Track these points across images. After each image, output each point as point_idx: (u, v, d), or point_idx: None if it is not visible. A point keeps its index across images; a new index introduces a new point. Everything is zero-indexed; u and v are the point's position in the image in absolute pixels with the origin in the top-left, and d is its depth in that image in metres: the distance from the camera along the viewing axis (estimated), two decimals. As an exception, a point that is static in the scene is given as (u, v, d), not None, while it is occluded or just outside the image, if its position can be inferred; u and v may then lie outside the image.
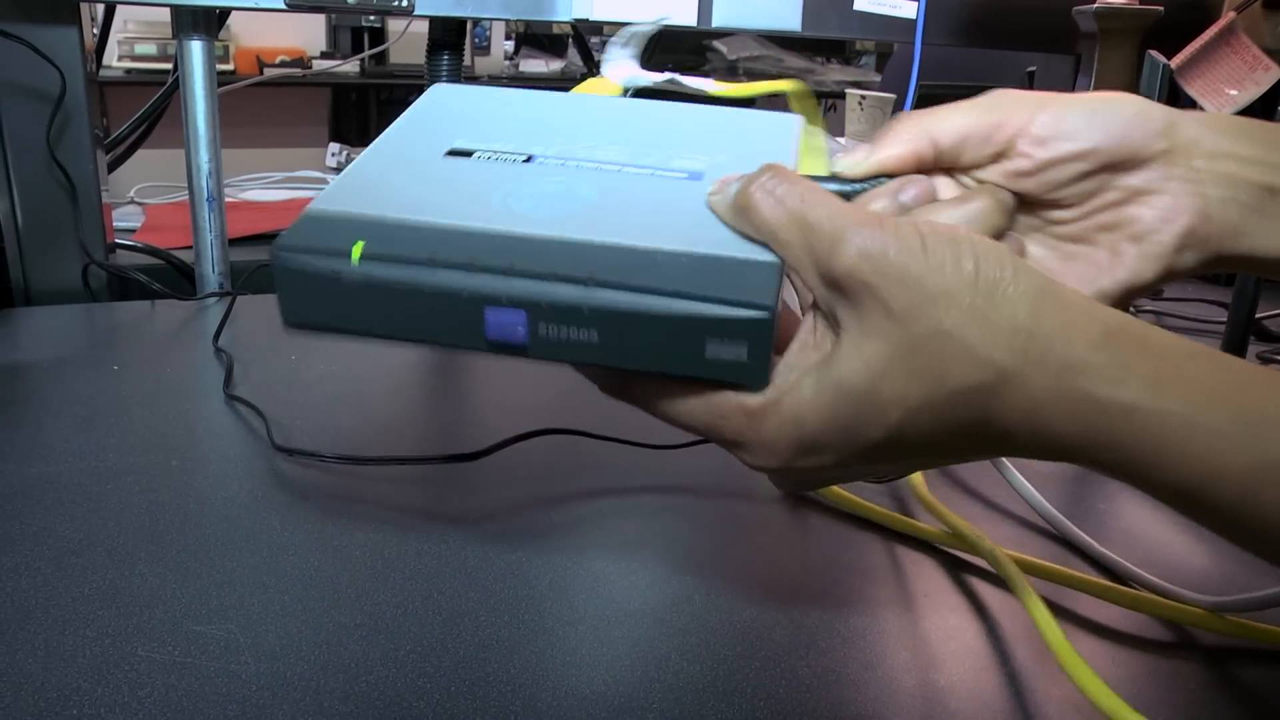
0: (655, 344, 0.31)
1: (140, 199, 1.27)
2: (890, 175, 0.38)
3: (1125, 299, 0.41)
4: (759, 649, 0.44)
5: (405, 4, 0.86)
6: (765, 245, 0.33)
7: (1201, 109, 1.03)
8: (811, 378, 0.32)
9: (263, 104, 3.91)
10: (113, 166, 1.10)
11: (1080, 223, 0.40)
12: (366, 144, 0.41)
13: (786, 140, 0.41)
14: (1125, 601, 0.48)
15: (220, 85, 1.04)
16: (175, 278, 0.98)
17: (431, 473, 0.58)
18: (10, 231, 0.87)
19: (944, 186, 0.39)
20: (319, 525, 0.52)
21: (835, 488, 0.56)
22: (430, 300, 0.32)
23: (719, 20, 0.98)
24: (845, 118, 1.65)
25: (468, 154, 0.38)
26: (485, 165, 0.37)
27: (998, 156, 0.38)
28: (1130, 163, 0.38)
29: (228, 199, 1.26)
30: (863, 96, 1.62)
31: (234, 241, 1.06)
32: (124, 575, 0.46)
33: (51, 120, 0.84)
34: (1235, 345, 0.73)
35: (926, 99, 1.44)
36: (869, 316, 0.31)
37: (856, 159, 0.39)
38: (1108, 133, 0.37)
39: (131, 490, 0.54)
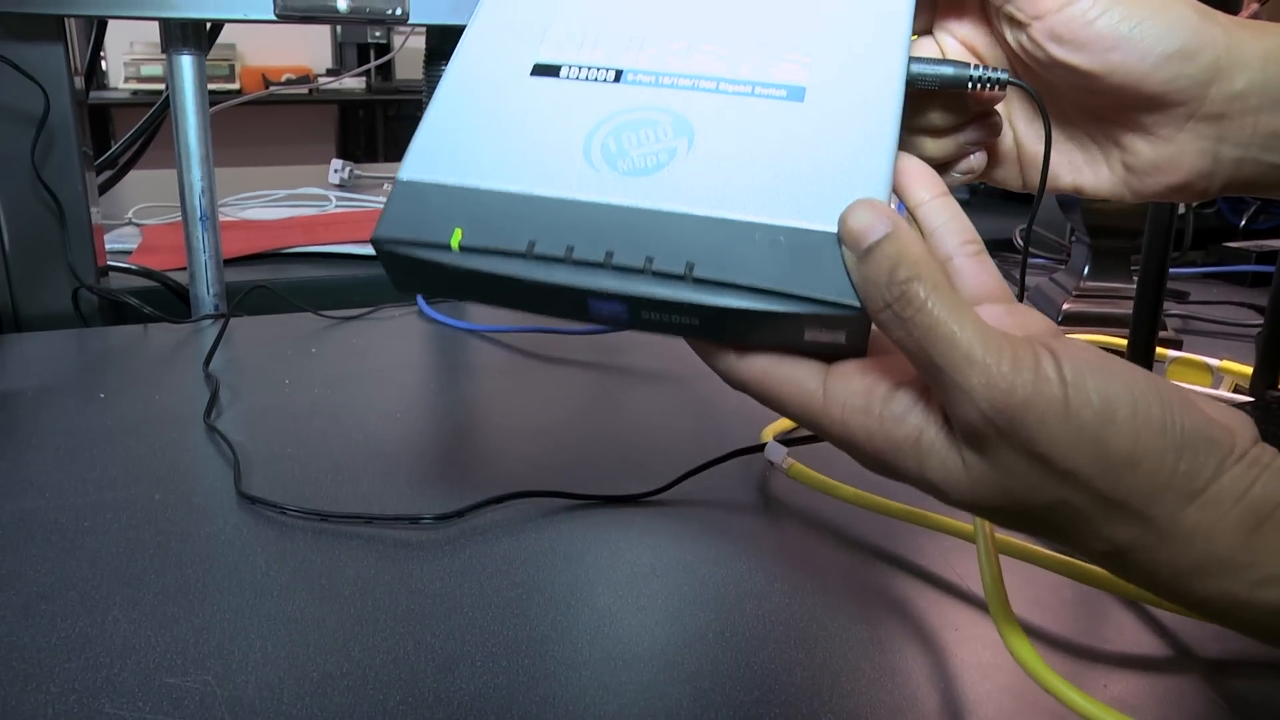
0: (754, 330, 0.32)
1: (138, 220, 1.24)
2: None
3: (1080, 194, 0.39)
4: (778, 693, 0.40)
5: (399, 12, 0.83)
6: (871, 194, 0.31)
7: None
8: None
9: (270, 122, 3.92)
10: (108, 186, 1.07)
11: (1070, 109, 0.37)
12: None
13: (898, 23, 0.36)
14: (1121, 590, 0.46)
15: (224, 102, 1.02)
16: (170, 300, 0.96)
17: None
18: (-3, 256, 0.85)
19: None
20: (306, 563, 0.49)
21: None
22: (532, 287, 0.32)
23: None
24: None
25: (554, 71, 0.36)
26: (573, 89, 0.35)
27: (1010, 22, 0.35)
28: (1148, 101, 0.34)
29: (229, 218, 1.24)
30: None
31: (232, 261, 1.03)
32: (95, 623, 0.43)
33: (36, 140, 0.81)
34: (1275, 346, 0.69)
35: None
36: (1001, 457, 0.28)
37: None
38: (1139, 60, 0.33)
39: (110, 527, 0.51)
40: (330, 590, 0.46)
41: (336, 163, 1.53)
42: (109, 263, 0.95)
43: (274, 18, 0.82)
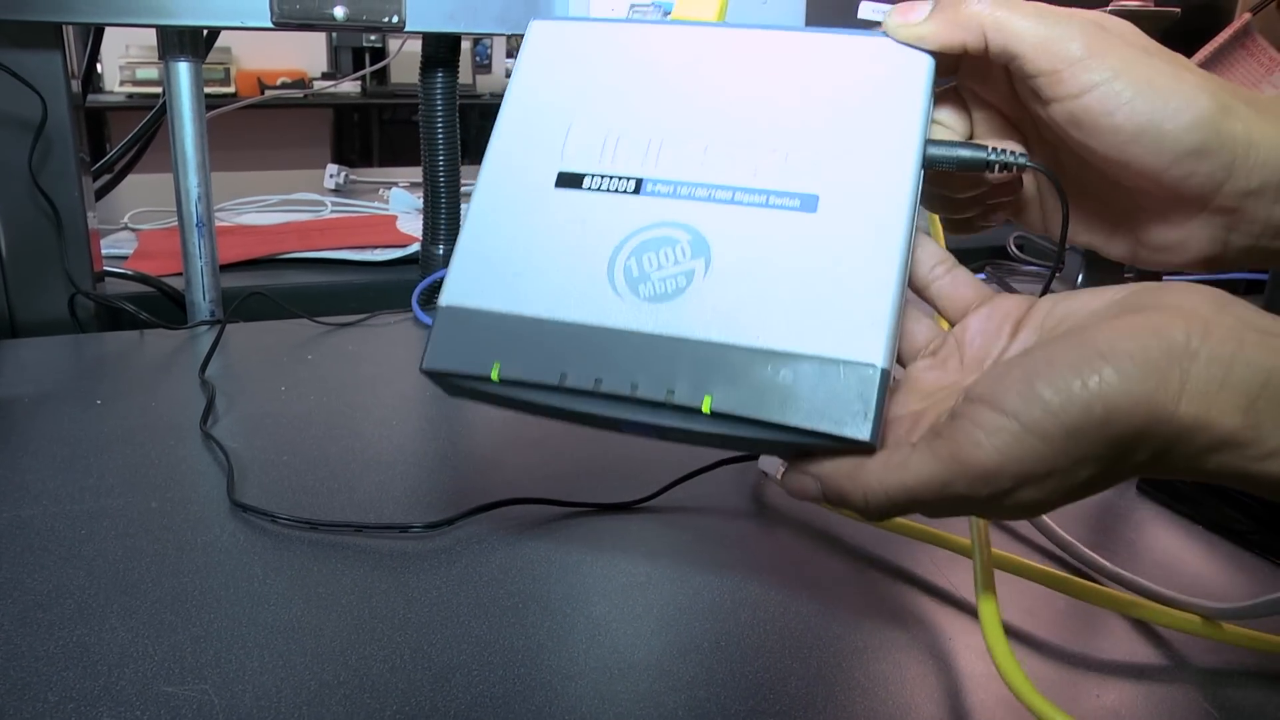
0: (770, 452, 0.38)
1: (134, 225, 1.24)
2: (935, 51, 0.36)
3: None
4: (773, 703, 0.41)
5: (395, 20, 0.84)
6: (877, 325, 0.33)
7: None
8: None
9: (266, 126, 3.91)
10: (104, 192, 1.07)
11: (1089, 180, 0.37)
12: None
13: (915, 101, 0.36)
14: (1114, 605, 0.46)
15: (220, 107, 1.02)
16: (166, 306, 0.96)
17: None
18: (-7, 262, 0.85)
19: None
20: (303, 571, 0.49)
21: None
22: (568, 414, 0.35)
23: (720, 32, 0.95)
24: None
25: (577, 181, 0.38)
26: (596, 202, 0.37)
27: (1032, 96, 0.35)
28: (1162, 192, 0.34)
29: (225, 223, 1.24)
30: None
31: (229, 267, 1.03)
32: (93, 631, 0.43)
33: (33, 147, 0.81)
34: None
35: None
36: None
37: (904, 19, 0.36)
38: (1155, 155, 0.33)
39: (107, 535, 0.51)
40: (327, 599, 0.47)
41: (332, 168, 1.53)
42: (105, 268, 0.95)
43: (271, 26, 0.82)
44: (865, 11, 1.01)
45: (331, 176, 1.52)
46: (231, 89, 3.54)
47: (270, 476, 0.58)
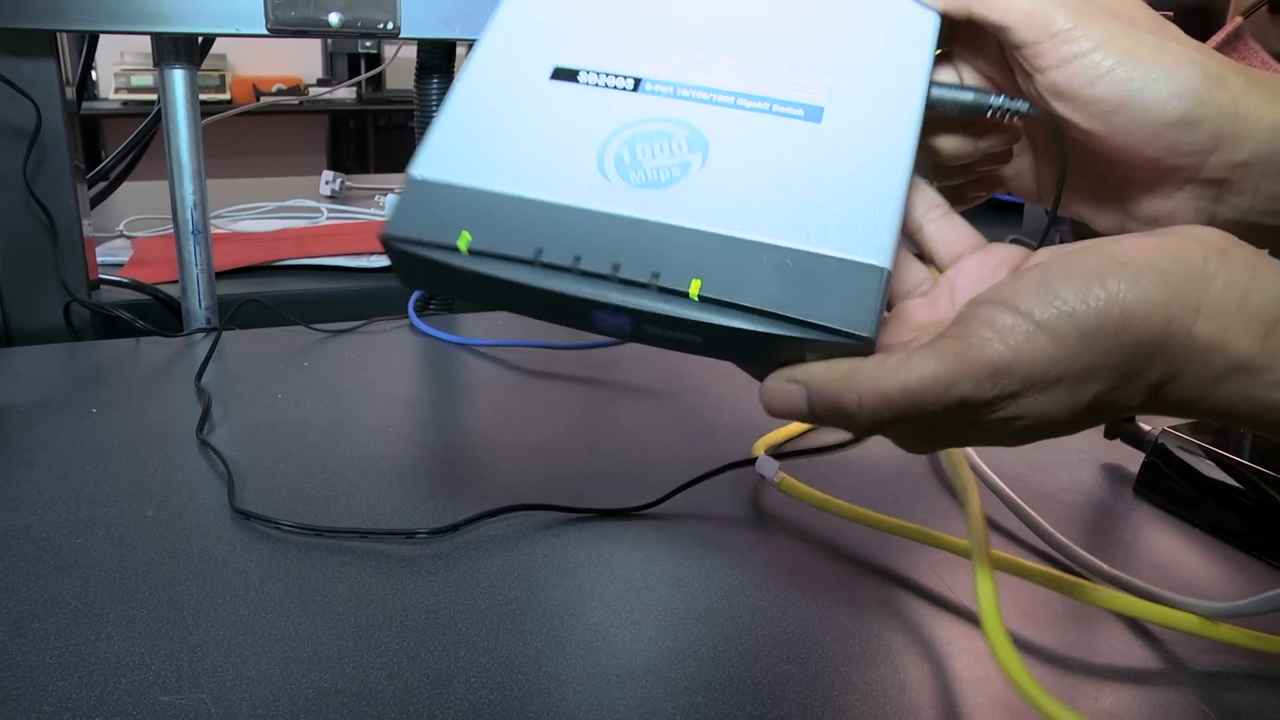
0: (756, 352, 0.32)
1: (129, 232, 1.24)
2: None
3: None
4: (772, 708, 0.41)
5: (390, 26, 0.84)
6: (881, 225, 0.31)
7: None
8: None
9: (261, 133, 3.91)
10: (99, 200, 1.07)
11: (1080, 148, 0.37)
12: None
13: (920, 45, 0.36)
14: (1112, 605, 0.46)
15: (215, 114, 1.02)
16: (162, 313, 0.96)
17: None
18: (-12, 270, 0.85)
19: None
20: (300, 579, 0.49)
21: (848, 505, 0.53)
22: (538, 294, 0.32)
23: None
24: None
25: (573, 75, 0.36)
26: (591, 95, 0.35)
27: (1019, 67, 0.35)
28: (1147, 164, 0.34)
29: (221, 230, 1.24)
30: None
31: (224, 274, 1.03)
32: (89, 640, 0.43)
33: (28, 155, 0.81)
34: None
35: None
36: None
37: None
38: (1139, 127, 0.33)
39: (103, 544, 0.51)
40: (325, 606, 0.46)
41: (328, 174, 1.53)
42: (100, 276, 0.95)
43: (266, 33, 0.82)
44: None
45: (327, 183, 1.51)
46: (227, 95, 3.54)
47: (269, 484, 0.58)
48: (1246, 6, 1.03)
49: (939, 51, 0.38)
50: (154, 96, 0.86)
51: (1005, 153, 0.39)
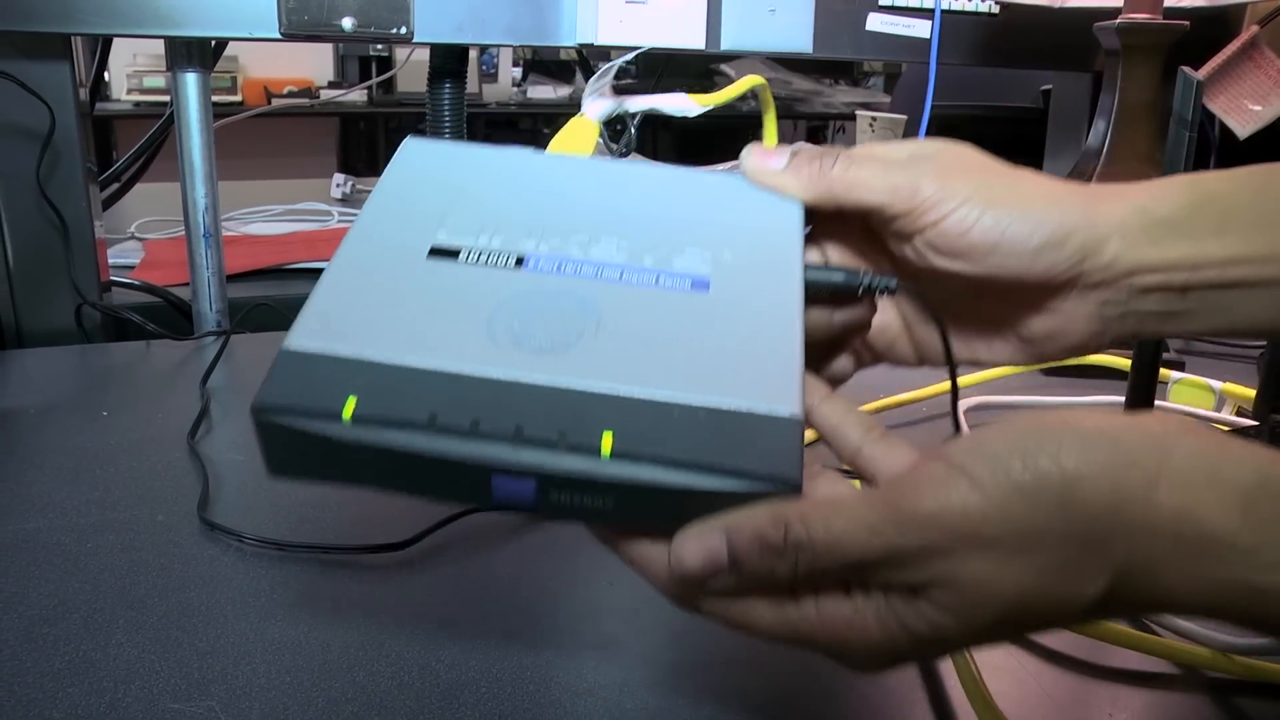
0: (671, 514, 0.30)
1: (140, 234, 1.24)
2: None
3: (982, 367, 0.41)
4: (784, 721, 0.40)
5: (404, 31, 0.84)
6: (786, 379, 0.31)
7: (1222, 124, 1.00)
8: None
9: (272, 135, 3.91)
10: (111, 202, 1.07)
11: (957, 301, 0.39)
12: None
13: (791, 231, 0.37)
14: (1121, 640, 0.45)
15: (227, 116, 1.02)
16: (173, 316, 0.96)
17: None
18: (0, 272, 0.85)
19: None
20: (311, 584, 0.48)
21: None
22: (432, 464, 0.29)
23: (728, 43, 0.95)
24: (855, 139, 1.62)
25: (453, 254, 0.35)
26: (474, 272, 0.34)
27: (897, 237, 0.37)
28: (1032, 288, 0.37)
29: (232, 233, 1.24)
30: (874, 118, 1.59)
31: (235, 277, 1.03)
32: (99, 647, 0.43)
33: (41, 157, 0.82)
34: (1278, 369, 0.69)
35: (940, 120, 1.40)
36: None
37: (763, 164, 0.38)
38: (1016, 259, 0.35)
39: (113, 549, 0.51)
40: (334, 614, 0.46)
41: (339, 177, 1.54)
42: (112, 278, 0.95)
43: (279, 37, 0.82)
44: (873, 23, 1.01)
45: (338, 186, 1.52)
46: (238, 98, 3.54)
47: (277, 490, 0.58)
48: (1263, 15, 1.03)
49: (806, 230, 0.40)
50: (166, 97, 0.86)
51: (865, 324, 0.40)
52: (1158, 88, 0.89)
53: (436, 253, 0.35)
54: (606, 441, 0.29)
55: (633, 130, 1.05)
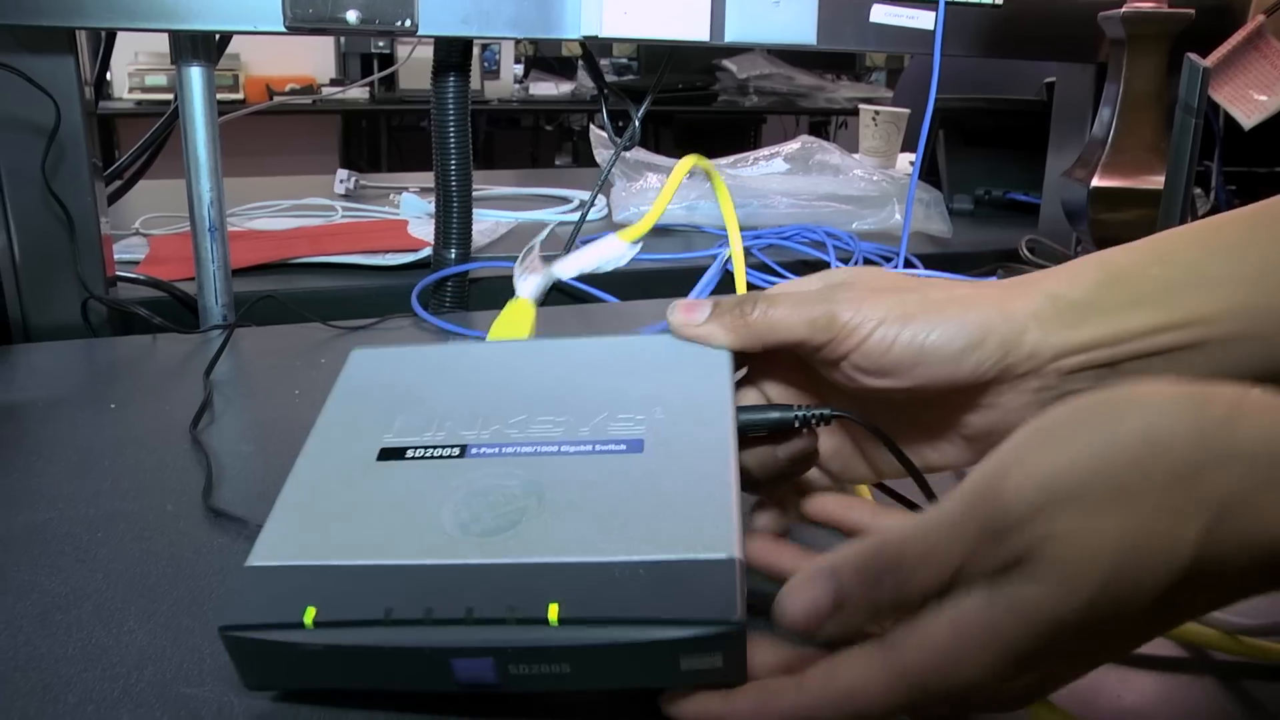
0: (629, 668, 0.32)
1: (145, 230, 1.24)
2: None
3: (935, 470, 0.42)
4: None
5: (408, 24, 0.84)
6: (721, 523, 0.33)
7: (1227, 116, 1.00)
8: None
9: (274, 132, 3.92)
10: (116, 197, 1.08)
11: (897, 416, 0.41)
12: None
13: (720, 379, 0.40)
14: None
15: (228, 113, 1.03)
16: (179, 310, 0.96)
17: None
18: (7, 266, 0.85)
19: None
20: (320, 573, 0.49)
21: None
22: (393, 656, 0.32)
23: (732, 35, 0.95)
24: (859, 134, 1.62)
25: (400, 454, 0.38)
26: (419, 468, 0.37)
27: (825, 364, 0.39)
28: (966, 390, 0.38)
29: (235, 228, 1.24)
30: (876, 112, 1.59)
31: (239, 271, 1.03)
32: (111, 633, 0.43)
33: (46, 152, 0.82)
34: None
35: (943, 113, 1.40)
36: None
37: (687, 319, 0.40)
38: (940, 366, 0.37)
39: (124, 538, 0.51)
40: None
41: (342, 173, 1.54)
42: (117, 273, 0.95)
43: (284, 30, 0.82)
44: (877, 15, 1.01)
45: (342, 181, 1.52)
46: (240, 95, 3.55)
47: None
48: (1268, 5, 1.03)
49: (740, 373, 0.42)
50: (168, 96, 0.86)
51: (812, 454, 0.41)
52: (1163, 78, 0.89)
53: (386, 454, 0.38)
54: (553, 610, 0.30)
55: (636, 125, 1.05)
